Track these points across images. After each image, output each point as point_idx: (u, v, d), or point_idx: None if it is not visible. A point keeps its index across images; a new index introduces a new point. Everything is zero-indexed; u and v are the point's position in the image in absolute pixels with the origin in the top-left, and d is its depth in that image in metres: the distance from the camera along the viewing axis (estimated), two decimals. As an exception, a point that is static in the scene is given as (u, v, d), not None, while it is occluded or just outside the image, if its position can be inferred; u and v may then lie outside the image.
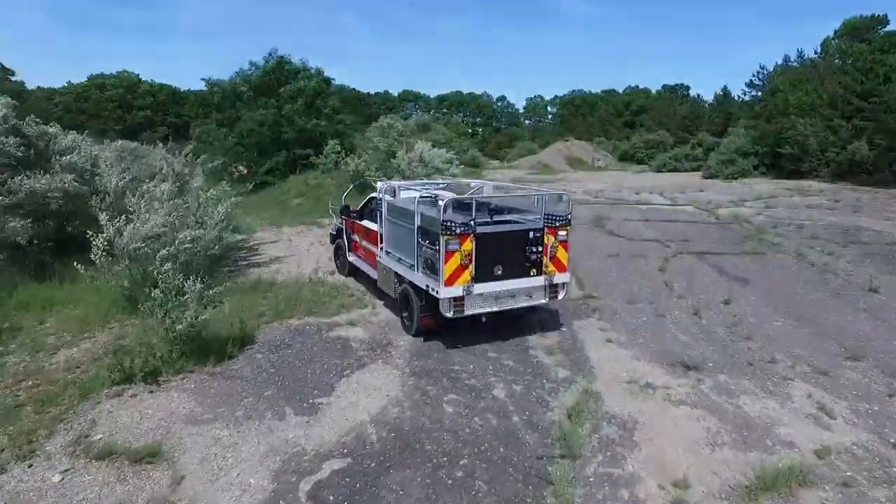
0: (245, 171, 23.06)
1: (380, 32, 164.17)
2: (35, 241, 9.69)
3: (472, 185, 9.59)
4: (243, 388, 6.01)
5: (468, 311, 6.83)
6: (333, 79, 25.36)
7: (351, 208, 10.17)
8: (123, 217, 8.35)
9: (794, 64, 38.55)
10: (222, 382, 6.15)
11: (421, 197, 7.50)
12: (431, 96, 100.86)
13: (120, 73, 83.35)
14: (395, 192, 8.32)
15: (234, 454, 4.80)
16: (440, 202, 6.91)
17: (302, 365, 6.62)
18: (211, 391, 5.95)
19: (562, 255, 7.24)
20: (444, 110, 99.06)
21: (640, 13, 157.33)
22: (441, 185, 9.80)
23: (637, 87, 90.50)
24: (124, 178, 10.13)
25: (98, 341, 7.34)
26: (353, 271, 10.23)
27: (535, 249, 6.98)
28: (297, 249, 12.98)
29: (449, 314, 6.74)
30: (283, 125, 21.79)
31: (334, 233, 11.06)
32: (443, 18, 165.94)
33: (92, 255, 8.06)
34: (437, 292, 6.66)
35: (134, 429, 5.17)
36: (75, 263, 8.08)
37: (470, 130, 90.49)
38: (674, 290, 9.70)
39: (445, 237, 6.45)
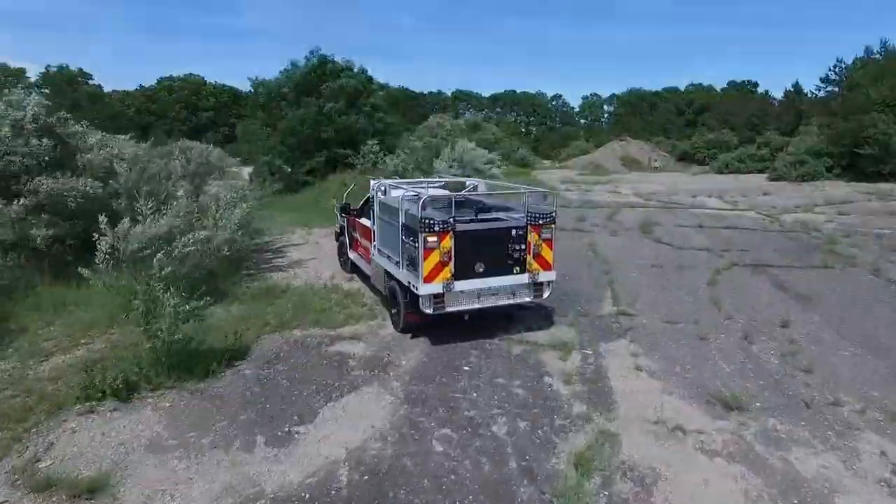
0: (290, 171, 23.05)
1: (435, 32, 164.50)
2: (56, 243, 9.64)
3: (469, 183, 9.67)
4: (221, 410, 5.50)
5: (449, 308, 6.86)
6: (380, 79, 25.11)
7: (351, 206, 10.21)
8: (128, 219, 8.10)
9: (877, 56, 35.21)
10: (201, 402, 5.67)
11: (406, 195, 7.43)
12: (485, 96, 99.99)
13: (186, 76, 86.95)
14: (385, 190, 8.24)
15: (185, 493, 4.26)
16: (420, 199, 6.87)
17: (290, 385, 6.07)
18: (186, 412, 5.47)
19: (546, 253, 7.23)
20: (498, 109, 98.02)
21: (706, 7, 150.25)
22: (439, 184, 9.85)
23: (700, 84, 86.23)
24: (135, 177, 9.94)
25: (93, 348, 7.07)
26: (354, 269, 10.24)
27: (517, 247, 6.99)
28: (321, 252, 12.55)
29: (429, 311, 6.78)
30: (323, 124, 21.60)
31: (338, 230, 11.15)
32: (499, 17, 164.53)
33: (97, 259, 7.86)
34: (416, 289, 6.72)
35: (89, 454, 4.73)
36: (78, 268, 7.91)
37: (523, 130, 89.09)
38: (723, 308, 8.57)
39: (424, 234, 6.52)
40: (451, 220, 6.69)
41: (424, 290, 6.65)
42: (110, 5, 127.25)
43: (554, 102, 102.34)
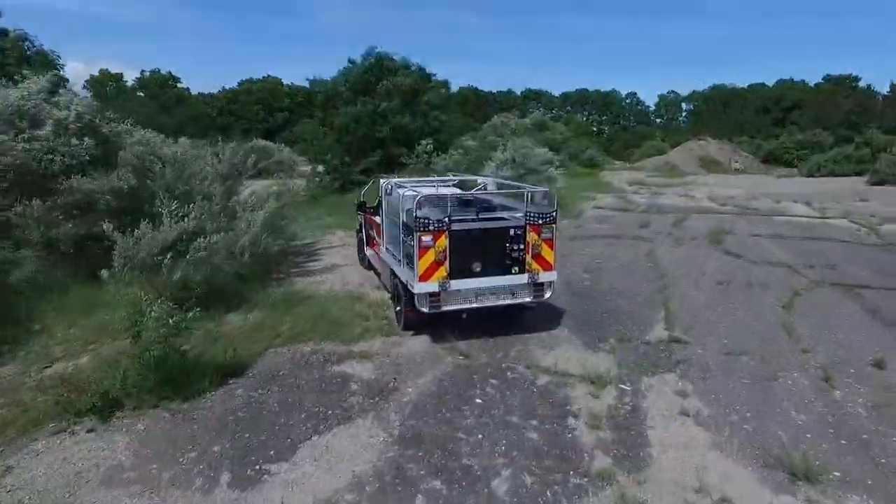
0: (345, 169, 22.90)
1: (505, 31, 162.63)
2: (90, 242, 9.66)
3: (479, 181, 9.57)
4: (196, 437, 4.99)
5: (445, 308, 6.81)
6: (440, 77, 24.53)
7: (367, 204, 10.24)
8: (146, 223, 7.87)
9: None
10: (178, 426, 5.19)
11: (406, 193, 7.27)
12: (556, 95, 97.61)
13: (265, 78, 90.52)
14: (391, 189, 8.23)
15: (120, 543, 3.73)
16: (418, 198, 6.72)
17: (280, 410, 5.48)
18: (159, 437, 5.00)
19: (547, 253, 7.07)
20: (568, 108, 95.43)
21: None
22: (452, 182, 9.81)
23: (791, 79, 79.73)
24: (171, 178, 9.78)
25: (99, 355, 6.83)
26: (370, 266, 10.26)
27: (516, 247, 6.91)
28: (356, 257, 12.07)
29: (425, 309, 6.75)
30: (378, 123, 21.27)
31: (358, 228, 11.25)
32: (572, 15, 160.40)
33: (114, 263, 7.67)
34: (412, 287, 6.71)
35: (40, 483, 4.32)
36: (100, 270, 7.75)
37: (594, 129, 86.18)
38: (799, 338, 7.23)
39: (419, 233, 6.50)
40: (447, 219, 6.62)
41: (420, 288, 6.64)
42: (199, 11, 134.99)
43: (628, 101, 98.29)
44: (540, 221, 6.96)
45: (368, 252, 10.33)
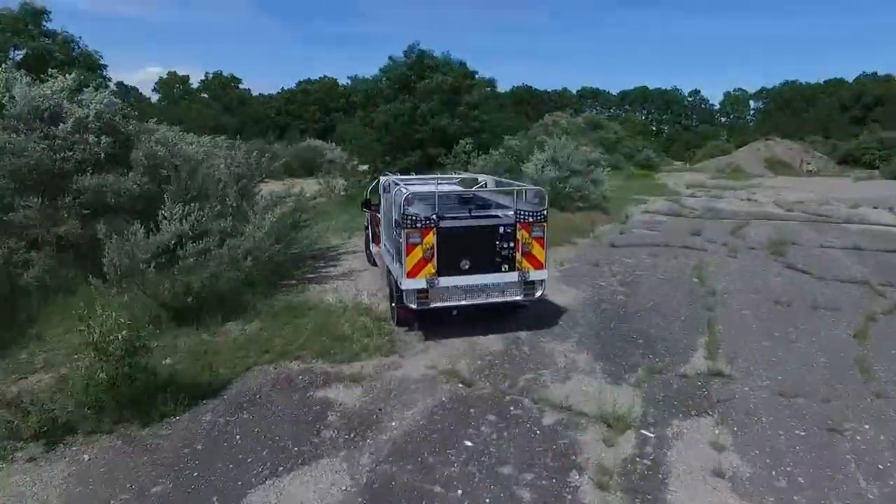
0: (384, 169, 22.49)
1: (562, 28, 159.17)
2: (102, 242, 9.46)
3: (480, 179, 9.85)
4: (139, 474, 4.41)
5: (434, 304, 6.85)
6: (477, 71, 23.63)
7: (372, 201, 10.30)
8: (141, 227, 7.48)
9: None
10: (128, 457, 4.64)
11: (399, 191, 7.31)
12: (613, 93, 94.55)
13: (321, 79, 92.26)
14: (388, 186, 8.26)
15: None
16: (406, 195, 6.83)
17: (242, 443, 4.85)
18: (101, 471, 4.46)
19: (537, 251, 7.04)
20: (626, 107, 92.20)
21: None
22: (454, 181, 9.98)
23: (875, 73, 73.60)
24: (185, 178, 9.45)
25: (80, 366, 6.45)
26: (376, 263, 10.25)
27: (505, 245, 6.90)
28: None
29: (413, 305, 6.80)
30: (417, 123, 20.66)
31: (366, 225, 11.27)
32: (633, 10, 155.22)
33: (104, 269, 7.33)
34: (400, 283, 6.79)
35: (-49, 525, 3.86)
36: (90, 277, 7.43)
37: (653, 129, 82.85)
38: (873, 378, 5.99)
39: (406, 230, 6.57)
40: (434, 216, 6.66)
41: (407, 284, 6.70)
42: (261, 16, 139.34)
43: (691, 99, 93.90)
44: (530, 220, 6.93)
45: (374, 249, 10.30)
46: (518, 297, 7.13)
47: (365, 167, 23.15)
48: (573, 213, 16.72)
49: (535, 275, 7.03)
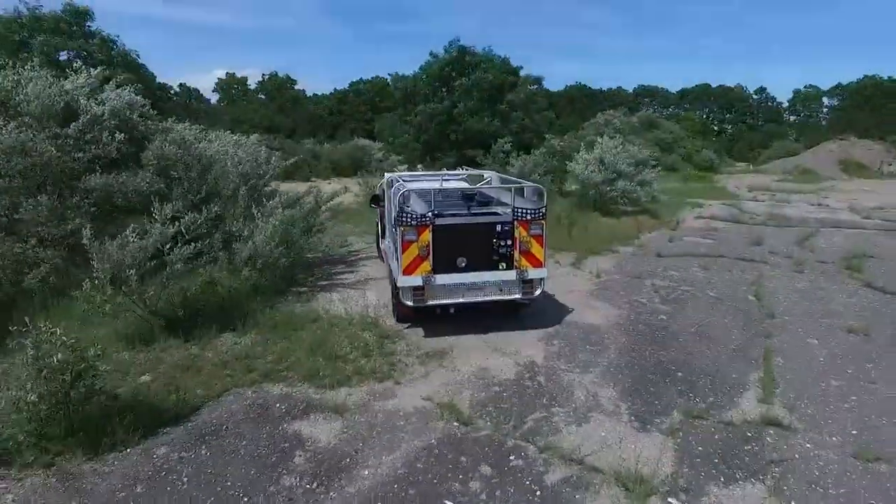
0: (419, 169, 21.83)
1: (622, 25, 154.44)
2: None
3: (485, 176, 9.78)
4: (63, 521, 3.81)
5: (431, 302, 6.82)
6: (521, 67, 22.50)
7: (381, 198, 10.16)
8: (131, 231, 7.01)
9: None
10: (58, 498, 4.05)
11: (398, 188, 7.32)
12: (672, 91, 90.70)
13: (373, 79, 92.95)
14: (391, 183, 8.25)
15: None
16: (402, 192, 6.89)
17: (187, 488, 4.15)
18: (21, 514, 3.89)
19: (536, 250, 6.97)
20: (686, 105, 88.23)
21: None
22: (461, 177, 9.99)
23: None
24: (195, 178, 9.03)
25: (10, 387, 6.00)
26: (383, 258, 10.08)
27: (503, 243, 6.85)
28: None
29: (409, 303, 6.81)
30: (456, 123, 19.84)
31: (377, 221, 11.20)
32: (695, 4, 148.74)
33: (94, 275, 6.89)
34: (397, 280, 6.84)
35: None
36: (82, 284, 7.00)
37: (714, 128, 78.91)
38: (981, 437, 4.72)
39: (401, 227, 6.60)
40: (430, 213, 6.68)
41: (403, 282, 6.72)
42: (321, 18, 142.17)
43: (756, 97, 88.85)
44: (528, 217, 6.83)
45: (382, 245, 10.22)
46: (517, 296, 7.05)
47: (405, 166, 22.59)
48: (617, 218, 15.49)
49: (533, 273, 6.95)
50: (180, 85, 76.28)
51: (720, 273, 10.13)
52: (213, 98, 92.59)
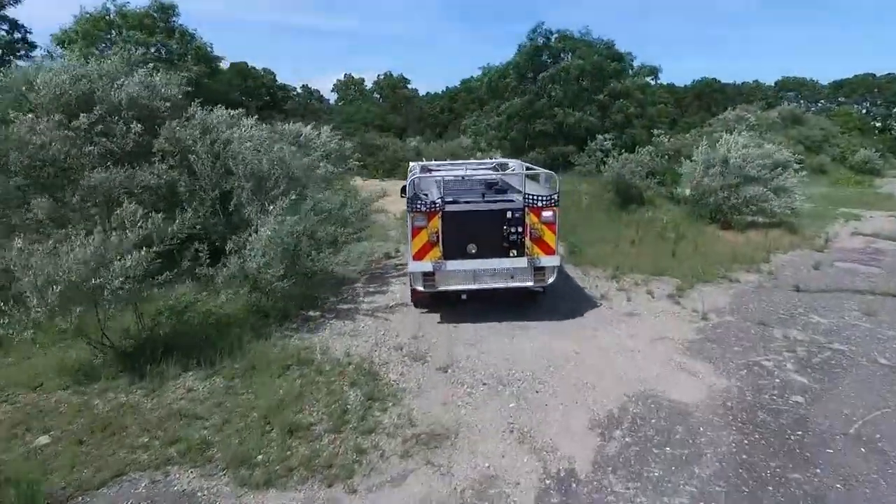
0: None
1: (762, 15, 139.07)
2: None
3: (511, 165, 9.84)
4: None
5: (441, 287, 6.81)
6: (630, 53, 19.41)
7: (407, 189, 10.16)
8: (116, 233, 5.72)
9: None
10: None
11: (416, 176, 7.57)
12: (823, 83, 79.46)
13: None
14: (414, 171, 8.42)
15: None
16: (413, 180, 7.15)
17: None
18: None
19: (548, 237, 6.86)
20: (841, 99, 76.84)
21: None
22: (489, 165, 10.05)
23: None
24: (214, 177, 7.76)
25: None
26: None
27: (514, 230, 6.78)
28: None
29: (420, 288, 6.82)
30: (544, 116, 17.40)
31: None
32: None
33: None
34: (408, 265, 6.91)
35: None
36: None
37: (877, 125, 67.84)
38: None
39: (411, 214, 6.64)
40: (440, 200, 6.67)
41: (413, 267, 6.75)
42: (439, 20, 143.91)
43: (935, 86, 74.99)
44: (540, 204, 6.74)
45: None
46: (528, 283, 6.98)
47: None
48: (741, 232, 12.27)
49: (546, 261, 6.88)
50: (303, 86, 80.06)
51: (890, 318, 7.00)
52: (332, 98, 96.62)
